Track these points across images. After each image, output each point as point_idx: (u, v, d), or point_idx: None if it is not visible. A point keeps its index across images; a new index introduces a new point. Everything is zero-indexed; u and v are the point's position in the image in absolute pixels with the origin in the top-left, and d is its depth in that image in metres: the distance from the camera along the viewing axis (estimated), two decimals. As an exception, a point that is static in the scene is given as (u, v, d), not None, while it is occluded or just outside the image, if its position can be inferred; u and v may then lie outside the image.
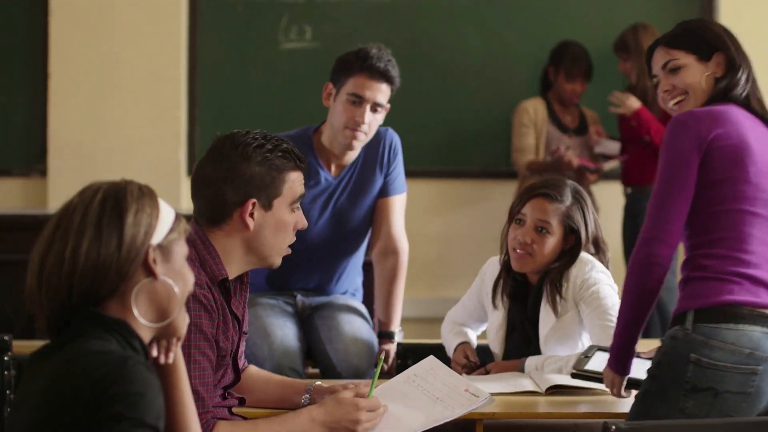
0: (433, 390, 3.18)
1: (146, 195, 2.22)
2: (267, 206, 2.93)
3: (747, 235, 3.09)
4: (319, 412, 2.89)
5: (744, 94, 3.27)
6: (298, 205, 3.00)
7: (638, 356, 3.26)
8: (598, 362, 3.36)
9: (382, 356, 3.20)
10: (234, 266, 2.94)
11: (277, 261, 3.01)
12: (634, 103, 6.18)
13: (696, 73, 3.30)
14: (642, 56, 6.18)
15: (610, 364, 3.20)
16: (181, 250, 2.26)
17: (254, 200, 2.91)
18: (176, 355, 2.31)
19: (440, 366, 3.26)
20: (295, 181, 2.97)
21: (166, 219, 2.24)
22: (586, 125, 6.48)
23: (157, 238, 2.20)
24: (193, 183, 2.98)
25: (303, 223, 3.02)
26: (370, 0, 6.69)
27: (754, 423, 2.94)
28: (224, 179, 2.90)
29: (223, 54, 6.71)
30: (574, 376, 3.38)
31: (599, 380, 3.28)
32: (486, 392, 3.12)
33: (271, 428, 2.85)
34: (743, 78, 3.29)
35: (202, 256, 2.87)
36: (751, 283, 3.07)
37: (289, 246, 4.33)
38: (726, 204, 3.10)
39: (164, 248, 2.22)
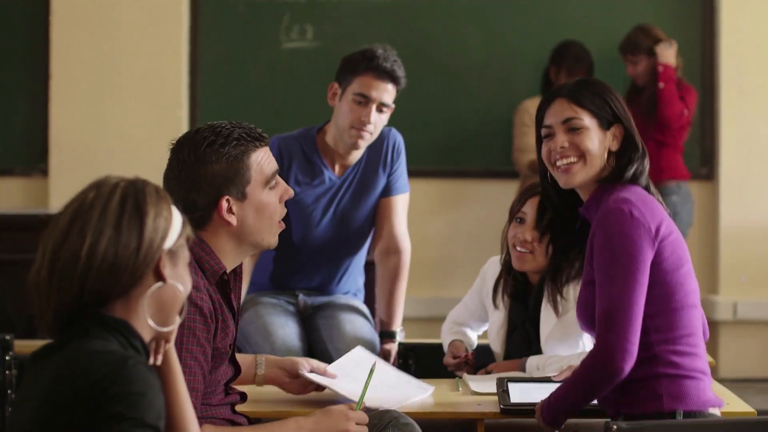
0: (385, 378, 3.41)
1: (163, 198, 2.21)
2: (241, 197, 2.86)
3: (697, 329, 3.08)
4: (307, 421, 2.85)
5: (646, 182, 3.16)
6: (274, 180, 2.91)
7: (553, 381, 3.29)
8: (519, 393, 3.34)
9: (374, 367, 3.16)
10: (230, 259, 2.90)
11: (273, 241, 2.94)
12: (671, 56, 6.21)
13: (597, 141, 3.13)
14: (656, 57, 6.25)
15: (545, 417, 3.11)
16: (185, 255, 2.25)
17: (226, 197, 2.84)
18: (171, 357, 2.31)
19: (368, 357, 3.50)
20: (261, 161, 2.88)
21: (177, 224, 2.23)
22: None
23: (169, 242, 2.20)
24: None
25: (289, 192, 2.94)
26: (372, 0, 6.69)
27: (755, 423, 2.95)
28: (189, 189, 2.84)
29: (224, 54, 6.72)
30: (503, 412, 3.28)
31: (531, 411, 3.22)
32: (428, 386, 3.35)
33: None
34: (647, 163, 3.16)
35: (197, 255, 2.82)
36: (707, 378, 3.08)
37: (292, 245, 4.31)
38: (682, 300, 3.04)
39: (173, 253, 2.21)
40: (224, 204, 2.84)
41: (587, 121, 3.13)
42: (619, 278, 2.97)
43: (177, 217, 2.24)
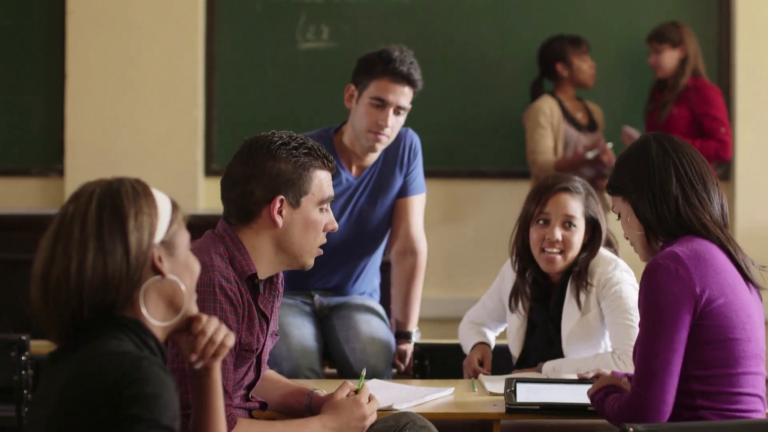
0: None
1: (141, 194, 2.20)
2: (295, 204, 2.96)
3: (754, 391, 3.05)
4: (329, 418, 2.97)
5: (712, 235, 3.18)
6: (327, 206, 3.03)
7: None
8: (526, 393, 3.35)
9: (363, 373, 3.23)
10: (264, 265, 2.98)
11: (309, 261, 3.04)
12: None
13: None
14: (687, 50, 6.23)
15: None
16: (183, 240, 2.25)
17: (282, 197, 2.94)
18: (214, 369, 2.32)
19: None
20: (323, 180, 3.00)
21: (165, 213, 2.22)
22: (595, 121, 6.46)
23: (159, 235, 2.19)
24: (222, 184, 3.02)
25: (333, 224, 3.05)
26: (387, 0, 6.69)
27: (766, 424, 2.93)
28: (251, 177, 2.94)
29: (240, 54, 6.71)
30: (509, 411, 3.28)
31: (536, 410, 3.24)
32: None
33: (286, 430, 2.89)
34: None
35: (231, 253, 2.93)
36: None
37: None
38: (735, 367, 3.00)
39: (168, 243, 2.21)
40: (277, 203, 2.93)
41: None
42: (656, 337, 2.93)
43: (163, 207, 2.22)
